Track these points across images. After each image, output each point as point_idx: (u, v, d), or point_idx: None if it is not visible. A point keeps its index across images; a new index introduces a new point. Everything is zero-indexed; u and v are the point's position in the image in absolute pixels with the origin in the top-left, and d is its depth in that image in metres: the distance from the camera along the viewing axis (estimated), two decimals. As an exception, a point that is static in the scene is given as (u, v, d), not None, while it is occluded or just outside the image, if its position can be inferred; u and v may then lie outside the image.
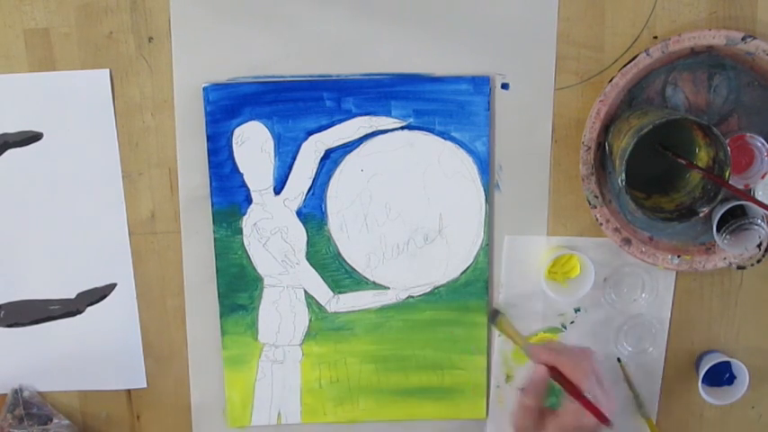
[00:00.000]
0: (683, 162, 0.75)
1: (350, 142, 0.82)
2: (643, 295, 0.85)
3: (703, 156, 0.76)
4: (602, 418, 0.66)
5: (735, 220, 0.77)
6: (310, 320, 0.86)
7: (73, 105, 0.81)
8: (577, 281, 0.83)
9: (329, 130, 0.81)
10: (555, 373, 0.69)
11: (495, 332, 0.86)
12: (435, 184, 0.83)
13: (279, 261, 0.84)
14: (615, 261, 0.84)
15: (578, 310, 0.86)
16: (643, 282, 0.85)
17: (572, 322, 0.86)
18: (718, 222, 0.78)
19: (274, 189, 0.83)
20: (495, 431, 0.89)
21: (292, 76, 0.80)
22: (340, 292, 0.85)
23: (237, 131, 0.81)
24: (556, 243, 0.84)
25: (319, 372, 0.87)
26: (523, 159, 0.82)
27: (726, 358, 0.84)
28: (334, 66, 0.80)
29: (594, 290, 0.83)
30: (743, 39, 0.76)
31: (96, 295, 0.86)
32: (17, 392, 0.87)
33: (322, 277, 0.85)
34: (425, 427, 0.89)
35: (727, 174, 0.72)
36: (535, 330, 0.86)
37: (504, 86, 0.81)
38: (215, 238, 0.83)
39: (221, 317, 0.85)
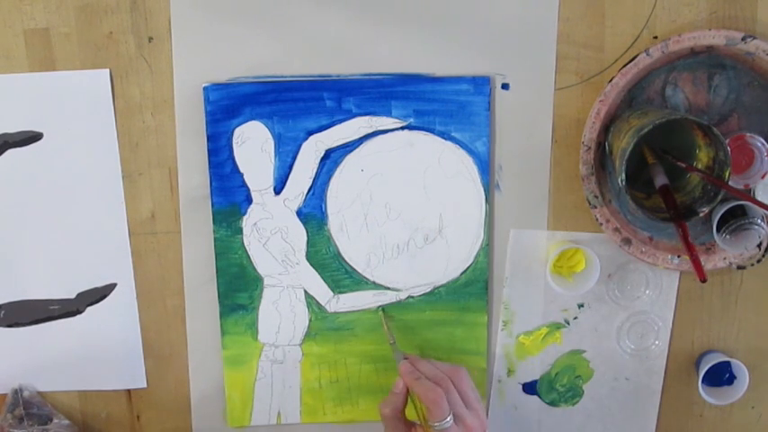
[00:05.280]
0: (683, 165, 0.75)
1: (350, 142, 0.82)
2: (647, 292, 0.85)
3: (703, 156, 0.76)
4: None
5: (735, 220, 0.77)
6: (310, 320, 0.86)
7: (73, 105, 0.81)
8: (582, 275, 0.83)
9: (329, 130, 0.81)
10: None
11: (499, 328, 0.86)
12: (435, 184, 0.83)
13: (279, 261, 0.84)
14: (620, 258, 0.84)
15: (582, 305, 0.86)
16: (647, 279, 0.85)
17: (575, 318, 0.86)
18: (718, 222, 0.78)
19: (274, 189, 0.83)
20: (497, 428, 0.89)
21: (292, 76, 0.80)
22: (340, 292, 0.85)
23: (237, 131, 0.81)
24: (561, 237, 0.84)
25: (319, 372, 0.87)
26: (523, 159, 0.82)
27: (726, 358, 0.84)
28: (334, 66, 0.80)
29: (598, 286, 0.83)
30: (743, 39, 0.76)
31: (96, 295, 0.86)
32: (17, 392, 0.87)
33: (322, 277, 0.85)
34: (425, 427, 0.89)
35: (727, 174, 0.72)
36: (538, 325, 0.86)
37: (505, 86, 0.81)
38: (215, 238, 0.83)
39: (221, 317, 0.85)
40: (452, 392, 0.73)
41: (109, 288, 0.86)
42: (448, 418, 0.71)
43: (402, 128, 0.81)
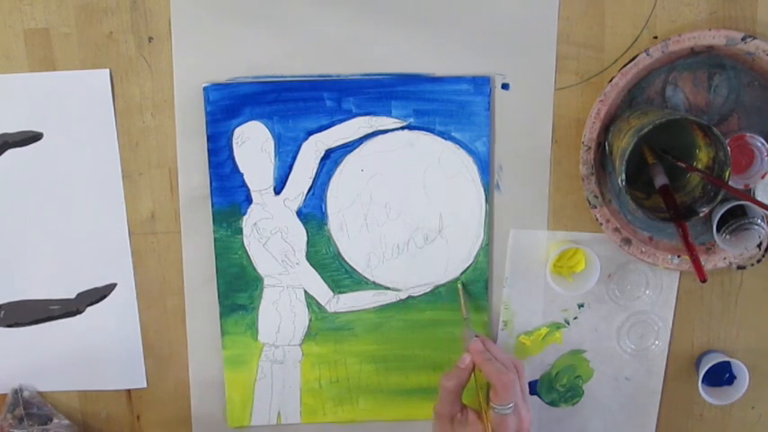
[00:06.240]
0: (683, 165, 0.75)
1: (350, 142, 0.82)
2: (647, 292, 0.85)
3: (703, 156, 0.76)
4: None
5: (735, 220, 0.77)
6: (310, 320, 0.86)
7: (73, 105, 0.81)
8: (582, 275, 0.83)
9: (329, 130, 0.81)
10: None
11: (499, 328, 0.86)
12: (435, 184, 0.83)
13: (279, 261, 0.84)
14: (620, 258, 0.84)
15: (582, 305, 0.86)
16: (647, 279, 0.85)
17: (575, 318, 0.86)
18: (718, 222, 0.78)
19: (274, 189, 0.83)
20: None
21: (292, 76, 0.80)
22: (340, 292, 0.85)
23: (237, 131, 0.81)
24: (561, 237, 0.84)
25: (319, 372, 0.87)
26: (523, 159, 0.82)
27: (726, 358, 0.84)
28: (334, 66, 0.80)
29: (598, 286, 0.83)
30: (743, 39, 0.76)
31: (96, 295, 0.86)
32: (17, 392, 0.87)
33: (322, 277, 0.85)
34: (425, 427, 0.89)
35: (727, 174, 0.72)
36: (538, 325, 0.86)
37: (505, 87, 0.81)
38: (215, 238, 0.83)
39: (221, 317, 0.85)
40: (517, 381, 0.74)
41: (109, 288, 0.86)
42: (511, 404, 0.71)
43: (402, 128, 0.81)
